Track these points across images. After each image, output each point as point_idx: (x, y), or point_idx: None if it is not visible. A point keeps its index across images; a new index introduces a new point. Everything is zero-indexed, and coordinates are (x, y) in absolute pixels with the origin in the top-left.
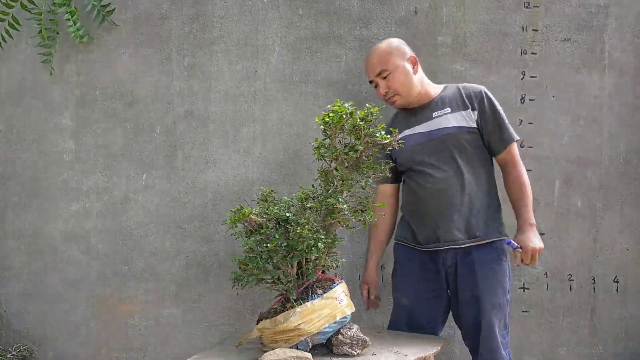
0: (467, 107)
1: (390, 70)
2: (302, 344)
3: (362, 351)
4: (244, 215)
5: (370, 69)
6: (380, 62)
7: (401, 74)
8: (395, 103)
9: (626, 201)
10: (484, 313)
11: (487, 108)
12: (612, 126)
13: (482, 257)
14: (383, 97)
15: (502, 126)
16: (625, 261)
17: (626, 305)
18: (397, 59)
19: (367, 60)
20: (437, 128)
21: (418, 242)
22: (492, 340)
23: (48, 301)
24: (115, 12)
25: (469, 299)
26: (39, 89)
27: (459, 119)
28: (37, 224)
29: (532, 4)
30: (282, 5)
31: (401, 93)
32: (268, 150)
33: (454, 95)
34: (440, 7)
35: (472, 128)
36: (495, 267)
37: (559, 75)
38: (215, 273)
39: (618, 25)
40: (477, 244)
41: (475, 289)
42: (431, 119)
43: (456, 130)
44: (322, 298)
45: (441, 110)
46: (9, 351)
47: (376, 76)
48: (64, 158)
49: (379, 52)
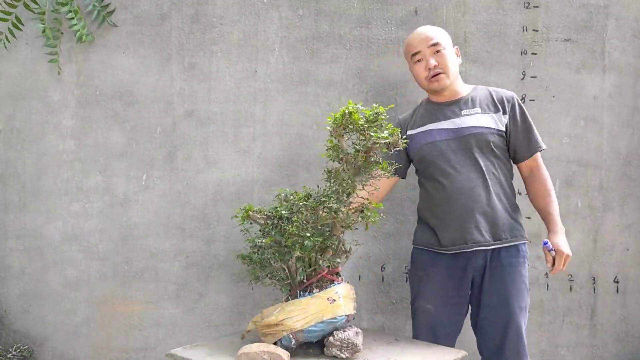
0: (499, 110)
1: (444, 46)
2: (285, 339)
3: (351, 355)
4: (246, 212)
5: (422, 40)
6: (437, 35)
7: (451, 55)
8: (440, 81)
9: (626, 201)
10: (513, 316)
11: (518, 114)
12: (612, 126)
13: (510, 260)
14: (428, 71)
15: (531, 133)
16: (625, 261)
17: (626, 305)
18: (450, 41)
19: (417, 33)
20: (465, 126)
21: (443, 245)
22: (519, 343)
23: (48, 301)
24: (115, 13)
25: (497, 303)
26: (39, 89)
27: (489, 120)
28: (37, 224)
29: (532, 4)
30: (282, 5)
31: (448, 73)
32: (268, 150)
33: (484, 97)
34: (440, 7)
35: (500, 131)
36: (521, 270)
37: (559, 75)
38: (215, 273)
39: (618, 25)
40: (503, 245)
41: (505, 291)
42: (459, 116)
43: (485, 130)
44: (312, 297)
45: (471, 109)
46: (9, 351)
47: (429, 47)
48: (64, 158)
49: (433, 28)
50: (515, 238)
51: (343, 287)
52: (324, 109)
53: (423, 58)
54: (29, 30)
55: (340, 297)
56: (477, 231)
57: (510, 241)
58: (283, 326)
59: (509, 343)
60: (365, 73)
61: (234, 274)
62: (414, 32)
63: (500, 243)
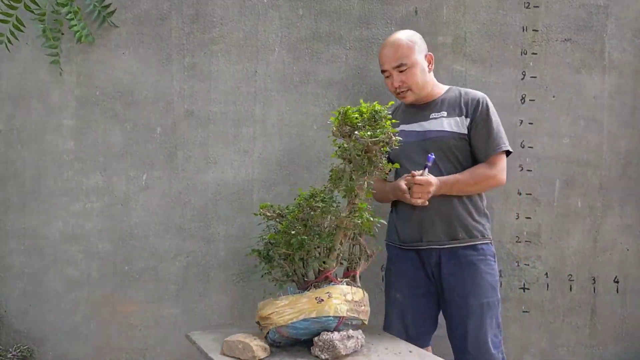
0: (462, 114)
1: (409, 65)
2: (271, 333)
3: (331, 358)
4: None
5: (388, 60)
6: (401, 55)
7: (418, 70)
8: (406, 99)
9: (626, 201)
10: (472, 312)
11: (479, 115)
12: (612, 126)
13: (468, 257)
14: (394, 89)
15: (490, 135)
16: (625, 261)
17: (626, 305)
18: (417, 55)
19: (386, 49)
20: (431, 130)
21: (402, 241)
22: (481, 339)
23: (48, 301)
24: (115, 13)
25: (456, 299)
26: (39, 89)
27: (452, 124)
28: (37, 224)
29: (532, 4)
30: (282, 5)
31: (414, 90)
32: (268, 150)
33: (454, 100)
34: (440, 7)
35: (462, 134)
36: (481, 267)
37: (559, 75)
38: (215, 273)
39: (618, 25)
40: (460, 245)
41: (463, 288)
42: (427, 119)
43: (447, 134)
44: (302, 294)
45: (438, 113)
46: (9, 351)
47: (393, 68)
48: (64, 158)
49: (400, 44)
50: (473, 238)
51: (338, 288)
52: (324, 109)
53: (390, 75)
54: (29, 31)
55: (331, 297)
56: (431, 230)
57: (467, 241)
58: (270, 320)
59: (470, 339)
60: (365, 73)
61: (234, 274)
62: (383, 46)
63: (456, 242)
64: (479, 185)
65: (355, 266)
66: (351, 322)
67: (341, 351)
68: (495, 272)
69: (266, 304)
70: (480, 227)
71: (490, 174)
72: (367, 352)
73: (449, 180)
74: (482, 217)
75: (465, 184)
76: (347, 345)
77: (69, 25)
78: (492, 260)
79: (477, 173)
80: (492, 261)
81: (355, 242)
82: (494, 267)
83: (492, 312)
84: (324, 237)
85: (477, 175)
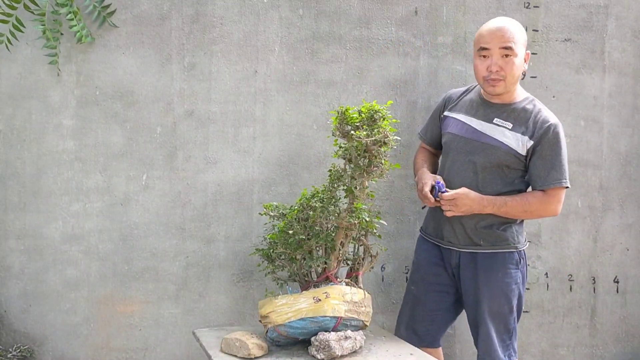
0: (527, 133)
1: (514, 52)
2: (270, 331)
3: (326, 358)
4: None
5: (497, 38)
6: (514, 39)
7: (519, 63)
8: (496, 87)
9: (626, 201)
10: (483, 320)
11: (546, 141)
12: (612, 126)
13: (487, 265)
14: (488, 73)
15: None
16: (626, 261)
17: (626, 306)
18: (522, 47)
19: (497, 27)
20: (488, 134)
21: (427, 233)
22: (488, 345)
23: (48, 301)
24: (115, 13)
25: (471, 303)
26: (39, 89)
27: (512, 141)
28: (37, 224)
29: (532, 4)
30: (282, 6)
31: (507, 81)
32: (268, 150)
33: (525, 114)
34: (440, 7)
35: (519, 154)
36: (499, 276)
37: (559, 75)
38: (215, 273)
39: (618, 25)
40: (480, 251)
41: (477, 294)
42: (490, 122)
43: (505, 149)
44: (300, 294)
45: (504, 121)
46: (9, 351)
47: (501, 48)
48: (64, 158)
49: (514, 26)
50: (495, 246)
51: (337, 288)
52: (324, 109)
53: (490, 56)
54: (29, 31)
55: (329, 297)
56: (452, 232)
57: (487, 248)
58: (269, 319)
59: (481, 343)
60: (365, 73)
61: (234, 274)
62: (491, 24)
63: (474, 248)
64: (529, 215)
65: (358, 267)
66: (351, 323)
67: (336, 352)
68: (513, 280)
69: (265, 302)
70: (509, 237)
71: (545, 207)
72: (365, 354)
73: (497, 201)
74: (513, 228)
75: (513, 209)
76: (343, 346)
77: (69, 25)
78: (513, 267)
79: (530, 202)
80: (512, 268)
81: (360, 243)
82: (512, 275)
83: (503, 319)
84: (323, 237)
85: (529, 205)
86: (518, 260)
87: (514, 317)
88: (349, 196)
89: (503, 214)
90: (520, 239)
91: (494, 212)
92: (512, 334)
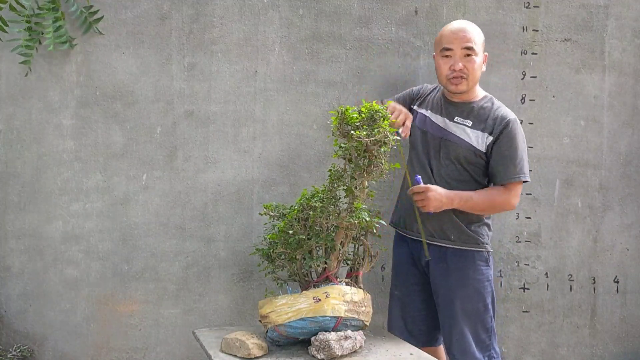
0: (487, 130)
1: (475, 52)
2: (270, 331)
3: (327, 358)
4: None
5: (459, 38)
6: (475, 40)
7: (480, 63)
8: (459, 85)
9: (626, 201)
10: (456, 318)
11: (504, 137)
12: (612, 126)
13: (458, 264)
14: (451, 72)
15: (513, 162)
16: (625, 261)
17: (626, 306)
18: (482, 48)
19: (457, 29)
20: (449, 131)
21: (393, 221)
22: (464, 344)
23: (48, 301)
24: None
25: (442, 302)
26: (39, 89)
27: (472, 138)
28: (37, 224)
29: (532, 4)
30: (282, 5)
31: (469, 80)
32: (268, 150)
33: (484, 111)
34: (440, 7)
35: (479, 151)
36: (471, 274)
37: (559, 75)
38: (215, 273)
39: (618, 25)
40: (450, 247)
41: (449, 293)
42: (452, 119)
43: (466, 146)
44: (300, 294)
45: (464, 119)
46: (9, 351)
47: (463, 48)
48: (64, 158)
49: (474, 28)
50: (465, 244)
51: (337, 288)
52: (324, 109)
53: (452, 56)
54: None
55: (329, 297)
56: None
57: (458, 244)
58: (269, 319)
59: (456, 343)
60: (365, 73)
61: (234, 274)
62: (452, 25)
63: (445, 242)
64: (492, 209)
65: (358, 267)
66: (351, 323)
67: (336, 352)
68: (484, 277)
69: (265, 302)
70: (476, 235)
71: (506, 201)
72: (365, 354)
73: (463, 196)
74: (481, 226)
75: (478, 204)
76: (343, 346)
77: (45, 31)
78: (483, 265)
79: (493, 197)
80: (482, 266)
81: (360, 243)
82: (483, 272)
83: (478, 317)
84: (323, 237)
85: (492, 199)
86: (487, 258)
87: (490, 316)
88: (349, 196)
89: (469, 209)
90: (489, 241)
91: (461, 206)
92: (492, 334)
